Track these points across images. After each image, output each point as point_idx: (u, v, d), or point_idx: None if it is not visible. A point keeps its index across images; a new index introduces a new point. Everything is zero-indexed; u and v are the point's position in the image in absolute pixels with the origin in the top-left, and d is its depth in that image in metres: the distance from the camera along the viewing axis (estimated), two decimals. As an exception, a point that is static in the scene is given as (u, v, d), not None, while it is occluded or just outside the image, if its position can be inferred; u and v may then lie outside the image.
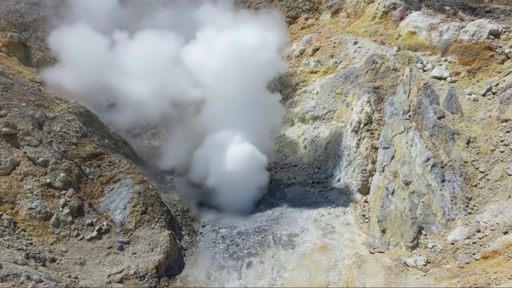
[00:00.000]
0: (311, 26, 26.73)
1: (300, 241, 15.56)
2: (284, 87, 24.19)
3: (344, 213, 17.09)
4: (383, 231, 15.32)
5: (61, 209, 13.22)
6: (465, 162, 15.41)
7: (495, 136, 15.57)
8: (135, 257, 13.03)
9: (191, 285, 13.50)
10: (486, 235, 13.27)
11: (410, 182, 15.48)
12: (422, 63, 18.61)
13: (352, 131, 18.07)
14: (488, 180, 14.82)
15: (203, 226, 16.55)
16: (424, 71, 18.30)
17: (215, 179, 18.10)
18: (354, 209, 17.03)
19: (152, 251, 13.34)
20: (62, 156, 14.02)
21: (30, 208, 12.66)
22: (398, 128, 16.73)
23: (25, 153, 13.43)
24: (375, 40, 22.64)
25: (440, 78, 17.87)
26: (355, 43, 22.68)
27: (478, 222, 13.76)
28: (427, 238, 14.43)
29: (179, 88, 19.60)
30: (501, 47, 17.61)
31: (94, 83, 20.81)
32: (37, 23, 23.57)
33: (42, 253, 11.90)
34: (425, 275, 13.26)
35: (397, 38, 21.64)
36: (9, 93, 14.47)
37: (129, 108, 20.43)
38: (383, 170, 16.48)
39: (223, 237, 15.89)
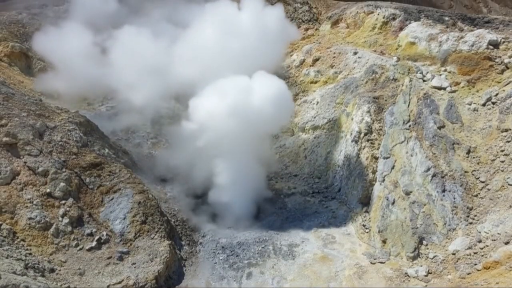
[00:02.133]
0: (311, 37, 26.96)
1: (300, 252, 15.48)
2: (284, 96, 24.24)
3: (345, 223, 17.03)
4: (384, 241, 15.25)
5: (60, 219, 13.17)
6: (465, 172, 15.39)
7: (495, 146, 15.57)
8: (135, 267, 12.94)
9: (191, 295, 13.43)
10: (487, 245, 13.21)
11: (411, 192, 15.45)
12: (421, 73, 18.67)
13: (352, 141, 18.08)
14: (488, 190, 14.78)
15: (203, 236, 16.45)
16: (424, 81, 18.35)
17: None
18: (355, 219, 16.96)
19: (152, 261, 13.25)
20: (62, 166, 14.01)
21: (30, 218, 12.60)
22: (398, 138, 16.74)
23: (25, 162, 13.42)
24: (375, 51, 22.77)
25: (439, 88, 17.92)
26: (355, 53, 22.80)
27: (479, 232, 13.70)
28: (428, 249, 14.36)
29: (177, 88, 19.54)
30: (500, 57, 17.70)
31: (87, 86, 20.88)
32: (39, 33, 23.71)
33: (41, 263, 11.83)
34: (426, 285, 13.18)
35: (396, 49, 21.77)
36: (10, 103, 14.53)
37: (127, 111, 20.45)
38: (383, 180, 16.45)
39: (223, 247, 15.79)
